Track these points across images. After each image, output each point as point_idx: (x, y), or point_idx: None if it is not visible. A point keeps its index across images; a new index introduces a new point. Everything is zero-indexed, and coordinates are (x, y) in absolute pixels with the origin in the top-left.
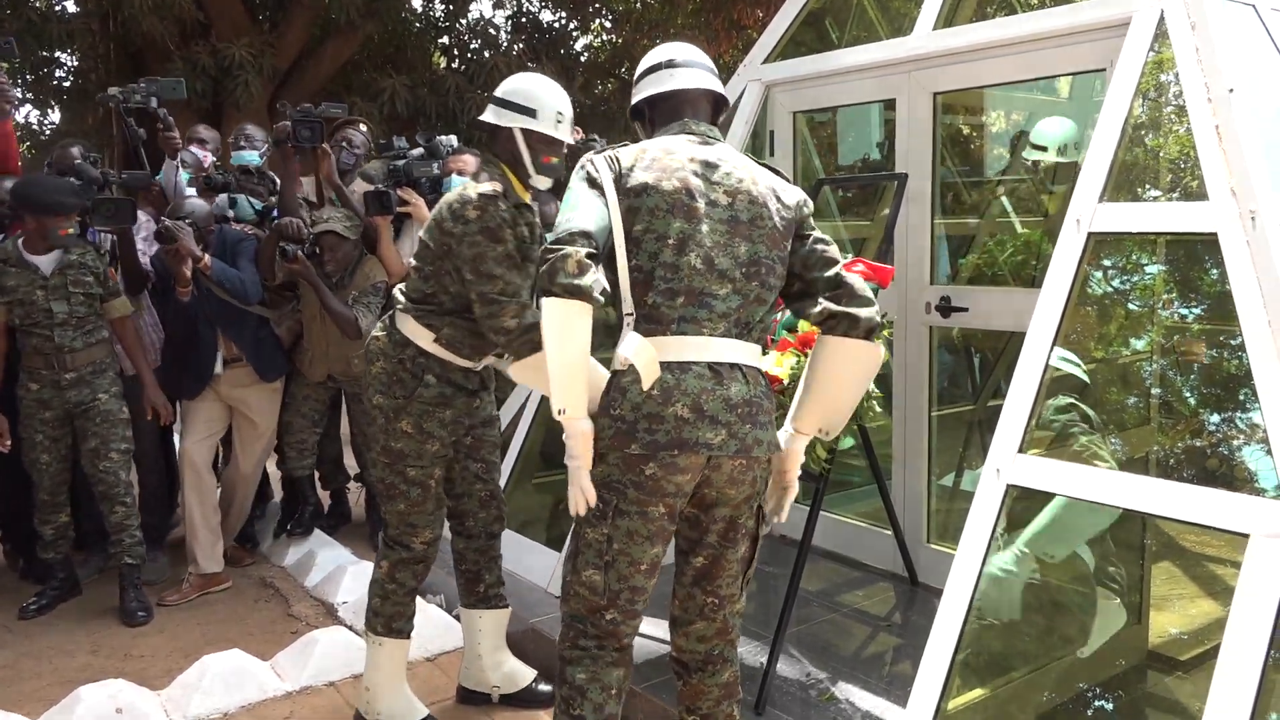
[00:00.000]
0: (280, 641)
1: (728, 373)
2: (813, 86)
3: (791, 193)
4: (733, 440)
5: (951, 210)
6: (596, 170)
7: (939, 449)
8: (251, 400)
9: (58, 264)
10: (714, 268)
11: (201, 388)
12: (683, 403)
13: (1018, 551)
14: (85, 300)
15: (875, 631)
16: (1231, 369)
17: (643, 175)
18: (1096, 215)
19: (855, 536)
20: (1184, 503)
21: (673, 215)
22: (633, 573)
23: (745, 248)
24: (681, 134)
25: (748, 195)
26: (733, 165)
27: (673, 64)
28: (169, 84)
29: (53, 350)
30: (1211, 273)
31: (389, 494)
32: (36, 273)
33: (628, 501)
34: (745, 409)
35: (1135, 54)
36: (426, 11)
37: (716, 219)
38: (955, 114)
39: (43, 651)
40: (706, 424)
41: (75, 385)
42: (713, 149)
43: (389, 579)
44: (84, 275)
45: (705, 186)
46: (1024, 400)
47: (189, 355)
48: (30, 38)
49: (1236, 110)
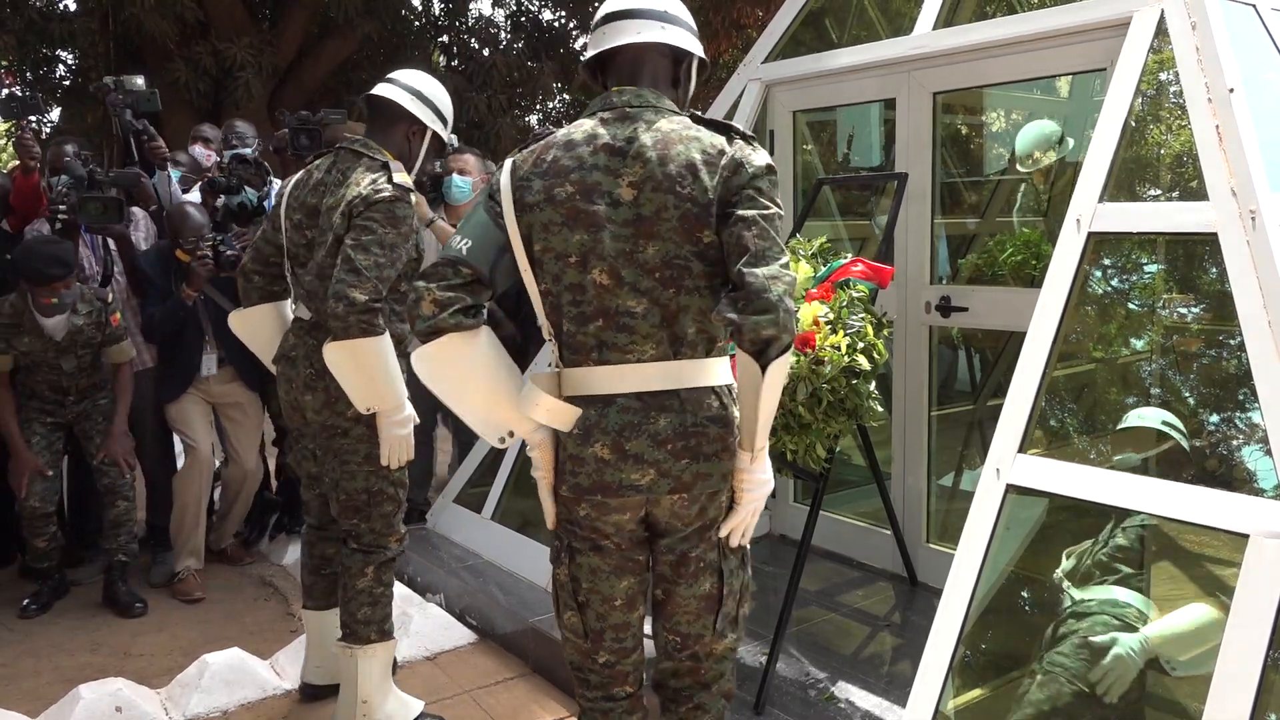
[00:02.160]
0: (280, 640)
1: (656, 402)
2: (813, 86)
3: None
4: (664, 480)
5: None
6: (496, 185)
7: (939, 449)
8: (237, 390)
9: (67, 327)
10: (623, 281)
11: (184, 389)
12: (602, 442)
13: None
14: (91, 351)
15: (875, 631)
16: (1231, 369)
17: (537, 184)
18: (1097, 215)
19: (855, 536)
20: (1183, 503)
21: (570, 228)
22: (608, 610)
23: (654, 248)
24: (600, 111)
25: (653, 182)
26: (646, 143)
27: (609, 18)
28: (143, 95)
29: (58, 385)
30: (1211, 272)
31: (374, 501)
32: (48, 339)
33: (579, 539)
34: (679, 442)
35: (1135, 54)
36: (426, 10)
37: (620, 221)
38: (955, 113)
39: (42, 650)
40: (630, 464)
41: (77, 403)
42: (628, 125)
43: (377, 583)
44: (92, 334)
45: (609, 182)
46: (1024, 400)
47: (175, 356)
48: (31, 36)
49: (1237, 110)
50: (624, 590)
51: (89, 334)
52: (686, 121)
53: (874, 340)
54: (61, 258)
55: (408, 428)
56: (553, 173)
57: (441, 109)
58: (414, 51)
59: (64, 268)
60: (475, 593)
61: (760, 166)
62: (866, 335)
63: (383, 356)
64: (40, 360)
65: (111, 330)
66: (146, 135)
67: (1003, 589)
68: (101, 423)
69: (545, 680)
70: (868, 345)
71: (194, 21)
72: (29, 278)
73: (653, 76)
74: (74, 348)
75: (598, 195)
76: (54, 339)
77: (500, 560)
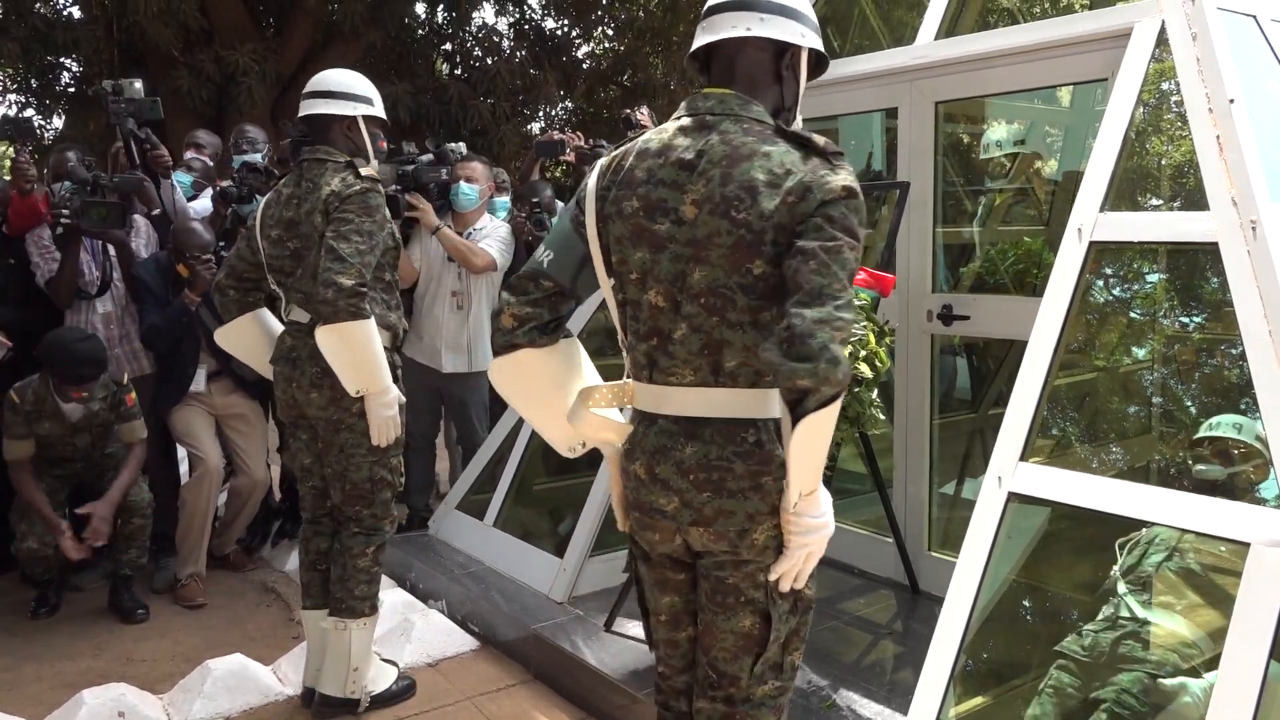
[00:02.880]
0: (282, 646)
1: (688, 429)
2: (815, 94)
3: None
4: (687, 510)
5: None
6: (583, 191)
7: (940, 457)
8: (239, 401)
9: (84, 411)
10: (676, 304)
11: (180, 397)
12: (640, 461)
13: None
14: (104, 431)
15: (876, 639)
16: (1232, 378)
17: (612, 194)
18: (1098, 224)
19: (856, 544)
20: (1185, 512)
21: (634, 245)
22: (657, 623)
23: (700, 273)
24: (684, 115)
25: (711, 202)
26: (714, 157)
27: (709, 10)
28: (146, 104)
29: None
30: (1212, 282)
31: (377, 488)
32: (66, 422)
33: (636, 546)
34: (701, 474)
35: (1137, 64)
36: (430, 19)
37: (682, 241)
38: (957, 122)
39: (45, 655)
40: (659, 488)
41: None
42: (703, 136)
43: (374, 563)
44: (107, 416)
45: (675, 198)
46: (1026, 408)
47: (173, 365)
48: (35, 43)
49: (1238, 120)
50: (667, 607)
51: (104, 417)
52: (767, 133)
53: (876, 348)
54: (95, 358)
55: (394, 408)
56: (625, 183)
57: (354, 93)
58: (417, 59)
59: (97, 368)
60: (477, 599)
61: (835, 190)
62: (868, 343)
63: (370, 339)
64: (55, 441)
65: (125, 410)
66: (149, 144)
67: (1004, 598)
68: (112, 474)
69: (547, 687)
70: (870, 353)
71: (197, 29)
72: (62, 376)
73: (749, 75)
74: (89, 428)
75: (661, 213)
76: (70, 420)
77: (502, 567)
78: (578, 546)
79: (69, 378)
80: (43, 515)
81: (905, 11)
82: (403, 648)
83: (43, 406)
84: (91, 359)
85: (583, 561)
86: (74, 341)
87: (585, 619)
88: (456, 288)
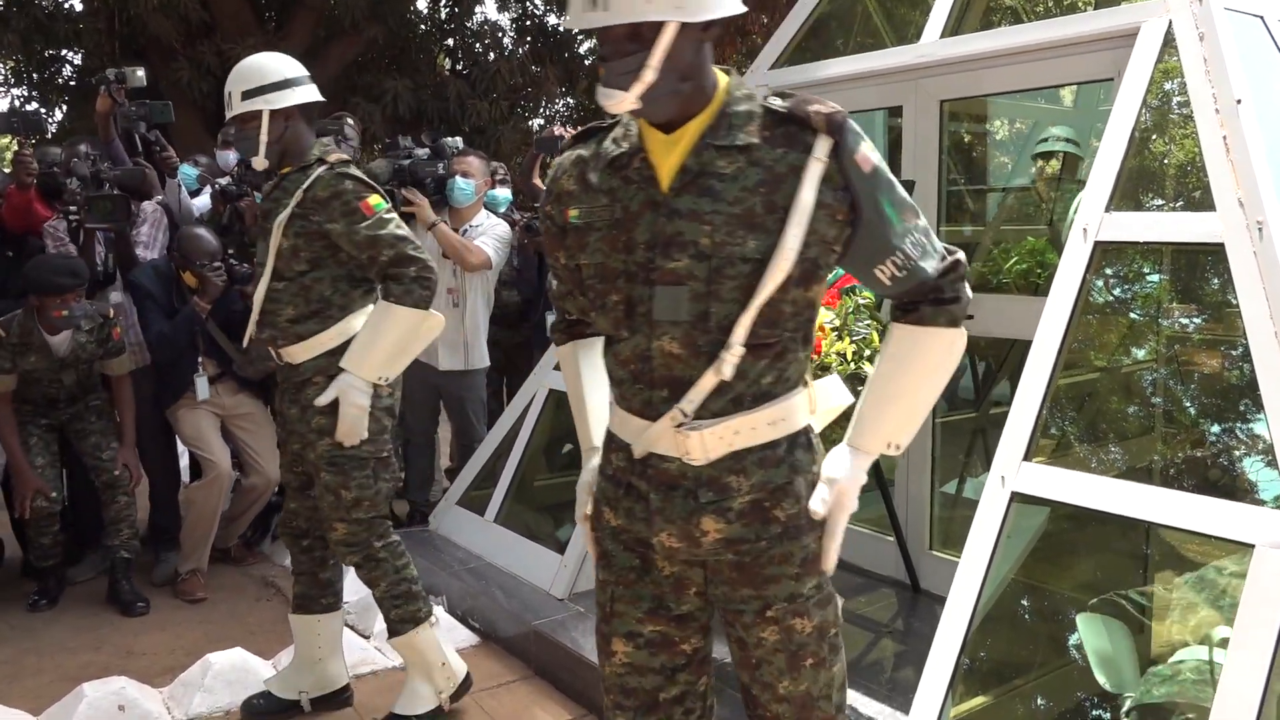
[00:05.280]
0: (282, 640)
1: None
2: (819, 92)
3: None
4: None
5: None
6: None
7: (942, 456)
8: (245, 401)
9: (71, 344)
10: None
11: (176, 398)
12: None
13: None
14: (89, 365)
15: (877, 638)
16: (1235, 379)
17: None
18: (1103, 224)
19: (857, 542)
20: (1187, 512)
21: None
22: None
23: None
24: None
25: None
26: None
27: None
28: (158, 107)
29: (53, 396)
30: (1216, 283)
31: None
32: (52, 356)
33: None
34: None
35: (1143, 64)
36: (432, 14)
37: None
38: (961, 121)
39: (45, 648)
40: None
41: (69, 405)
42: None
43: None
44: (94, 350)
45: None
46: (1029, 408)
47: (170, 367)
48: (37, 35)
49: (1244, 121)
50: None
51: (91, 350)
52: None
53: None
54: (73, 269)
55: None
56: None
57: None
58: (419, 55)
59: (75, 278)
60: (477, 595)
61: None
62: (872, 342)
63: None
64: (41, 376)
65: (112, 344)
66: (158, 145)
67: (1005, 597)
68: (95, 421)
69: (547, 683)
70: (873, 352)
71: (199, 21)
72: (41, 288)
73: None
74: (76, 364)
75: None
76: (57, 355)
77: (503, 563)
78: (578, 543)
79: (48, 288)
80: (14, 459)
81: (909, 9)
82: None
83: (29, 339)
84: (70, 270)
85: (583, 558)
86: (53, 257)
87: (586, 615)
88: (452, 284)
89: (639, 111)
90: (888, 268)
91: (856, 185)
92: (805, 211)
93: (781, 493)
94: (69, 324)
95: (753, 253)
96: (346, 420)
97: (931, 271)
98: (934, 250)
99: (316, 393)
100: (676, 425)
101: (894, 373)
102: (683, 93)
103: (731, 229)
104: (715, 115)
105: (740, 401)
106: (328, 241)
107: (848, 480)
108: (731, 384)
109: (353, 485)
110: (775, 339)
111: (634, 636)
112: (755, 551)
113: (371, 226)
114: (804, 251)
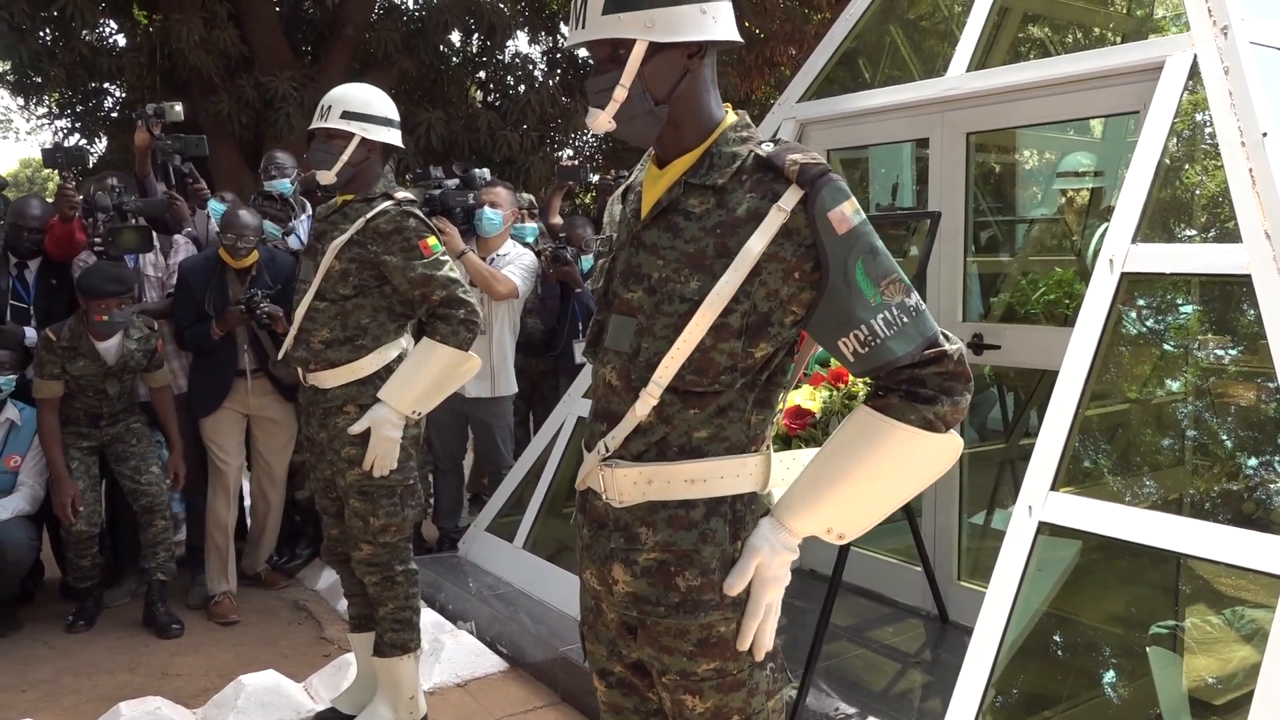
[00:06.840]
0: (313, 664)
1: None
2: (847, 125)
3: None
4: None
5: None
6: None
7: (970, 486)
8: (272, 404)
9: (119, 352)
10: None
11: (219, 402)
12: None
13: None
14: (133, 377)
15: (905, 668)
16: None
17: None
18: (1130, 256)
19: (885, 572)
20: (1219, 544)
21: None
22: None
23: None
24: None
25: None
26: None
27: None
28: (192, 140)
29: (95, 411)
30: (1247, 314)
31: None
32: (101, 363)
33: None
34: None
35: (1169, 97)
36: (464, 47)
37: None
38: (988, 152)
39: (82, 668)
40: None
41: (110, 425)
42: None
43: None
44: (140, 359)
45: None
46: (1057, 438)
47: (208, 365)
48: (81, 69)
49: (1270, 154)
50: None
51: (138, 360)
52: None
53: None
54: (120, 277)
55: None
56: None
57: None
58: (451, 86)
59: (120, 285)
60: (506, 621)
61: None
62: None
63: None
64: (87, 385)
65: (156, 356)
66: (190, 177)
67: (1035, 629)
68: (135, 444)
69: (574, 709)
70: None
71: (238, 56)
72: (87, 292)
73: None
74: (121, 372)
75: None
76: (106, 362)
77: (531, 589)
78: None
79: (93, 292)
80: (55, 469)
81: (936, 42)
82: (432, 668)
83: (78, 344)
84: (116, 277)
85: None
86: (104, 265)
87: None
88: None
89: (618, 133)
90: (850, 342)
91: (825, 245)
92: (749, 259)
93: (686, 560)
94: (109, 329)
95: (693, 293)
96: (377, 451)
97: (901, 354)
98: (916, 334)
99: (348, 421)
100: (601, 460)
101: (835, 456)
102: (660, 117)
103: (679, 266)
104: (703, 153)
105: (664, 449)
106: (378, 272)
107: (769, 555)
108: (656, 428)
109: (380, 512)
110: (707, 390)
111: (606, 675)
112: (656, 615)
113: (429, 266)
114: (749, 304)
